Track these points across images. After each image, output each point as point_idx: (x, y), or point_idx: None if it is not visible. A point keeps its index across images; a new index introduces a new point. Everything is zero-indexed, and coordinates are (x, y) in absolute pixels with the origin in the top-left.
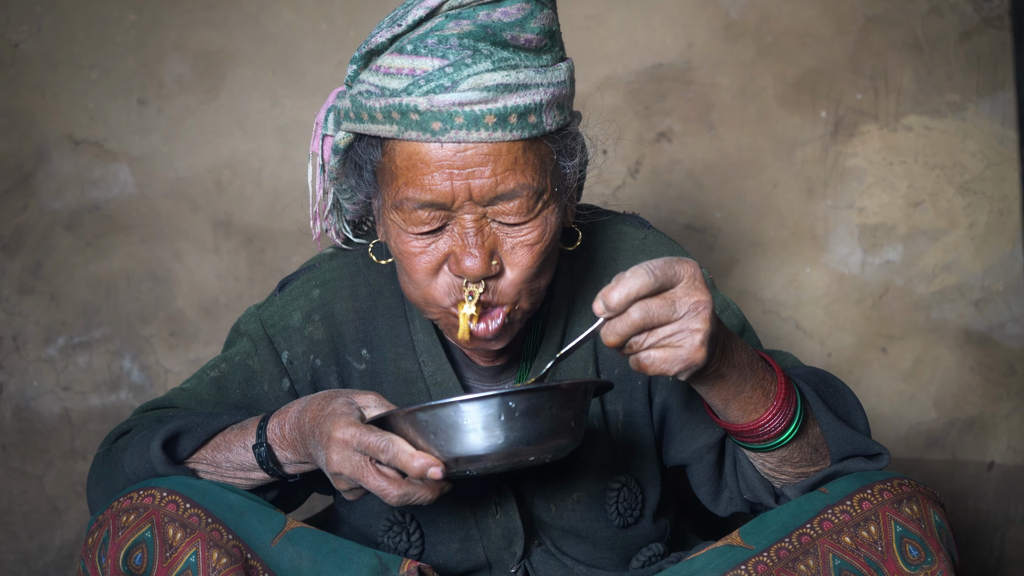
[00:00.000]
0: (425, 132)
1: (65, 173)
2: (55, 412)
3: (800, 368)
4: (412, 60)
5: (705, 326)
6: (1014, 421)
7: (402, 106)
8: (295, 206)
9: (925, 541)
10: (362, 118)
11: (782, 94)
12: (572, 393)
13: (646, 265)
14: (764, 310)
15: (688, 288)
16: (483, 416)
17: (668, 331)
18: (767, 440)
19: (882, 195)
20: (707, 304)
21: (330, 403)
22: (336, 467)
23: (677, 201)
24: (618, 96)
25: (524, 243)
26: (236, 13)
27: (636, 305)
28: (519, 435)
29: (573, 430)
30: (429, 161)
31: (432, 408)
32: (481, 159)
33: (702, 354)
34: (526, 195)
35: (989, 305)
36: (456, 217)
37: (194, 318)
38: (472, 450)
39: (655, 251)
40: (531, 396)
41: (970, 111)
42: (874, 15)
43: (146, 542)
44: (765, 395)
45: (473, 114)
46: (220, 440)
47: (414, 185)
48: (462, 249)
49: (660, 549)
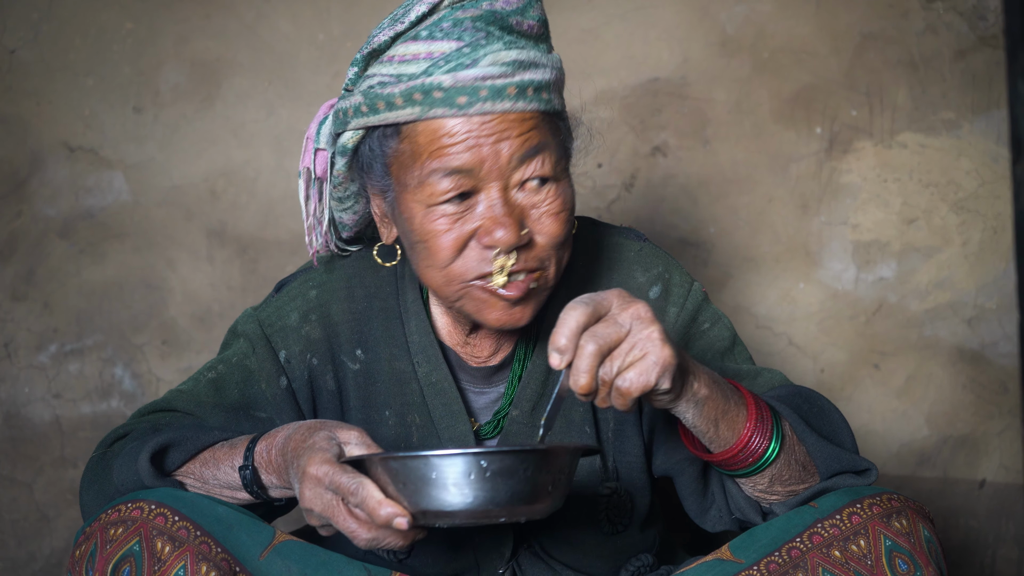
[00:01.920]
0: (451, 107)
1: (60, 180)
2: (46, 419)
3: (784, 388)
4: (428, 44)
5: (655, 324)
6: (1006, 439)
7: (425, 86)
8: (289, 216)
9: (914, 555)
10: (377, 108)
11: (777, 110)
12: (550, 457)
13: (574, 300)
14: (757, 325)
15: (622, 304)
16: (453, 473)
17: (626, 347)
18: (752, 463)
19: (876, 212)
20: (645, 307)
21: (312, 435)
22: (307, 503)
23: (671, 215)
24: (614, 110)
25: (549, 212)
26: (233, 23)
27: (584, 336)
28: (490, 495)
29: (551, 495)
30: (456, 133)
31: (403, 458)
32: (507, 126)
33: (668, 350)
34: (548, 152)
35: (982, 323)
36: (483, 190)
37: (187, 327)
38: (440, 505)
39: (650, 262)
40: (505, 457)
41: (964, 129)
42: (870, 33)
43: (134, 555)
44: (739, 414)
45: (496, 87)
46: (208, 456)
47: (441, 156)
48: (492, 221)
49: (649, 560)
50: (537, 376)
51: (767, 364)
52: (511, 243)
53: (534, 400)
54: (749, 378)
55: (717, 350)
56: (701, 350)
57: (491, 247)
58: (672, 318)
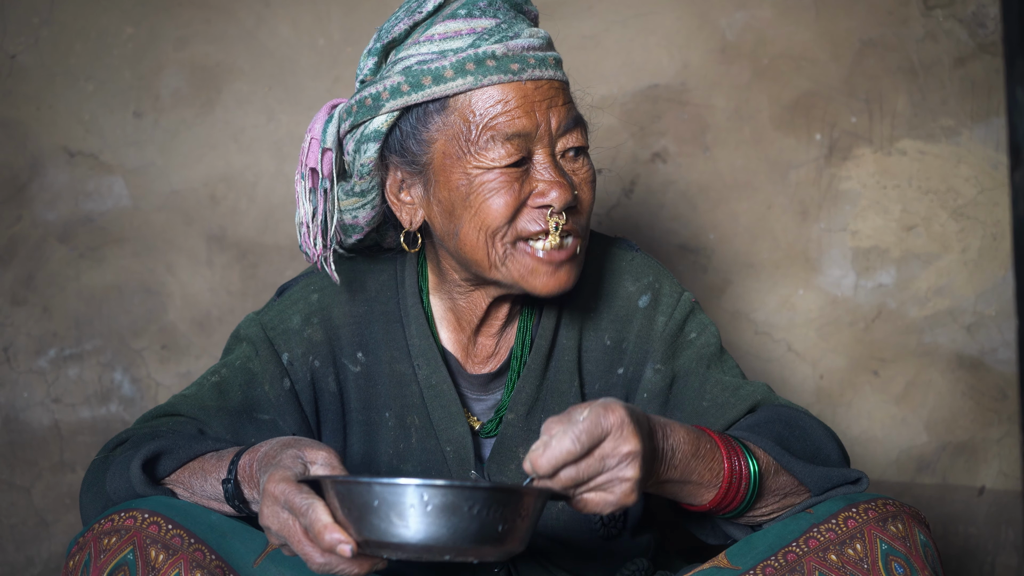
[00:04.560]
0: (506, 74)
1: (59, 185)
2: (45, 424)
3: (763, 412)
4: (468, 22)
5: (635, 474)
6: (1005, 446)
7: (477, 56)
8: (289, 221)
9: (910, 559)
10: (422, 84)
11: (777, 116)
12: (500, 496)
13: (573, 431)
14: (756, 331)
15: (616, 441)
16: (393, 503)
17: (600, 480)
18: (730, 511)
19: (875, 218)
20: (636, 454)
21: (281, 452)
22: (266, 520)
23: (671, 222)
24: (614, 116)
25: (586, 180)
26: (233, 28)
27: (565, 469)
28: (432, 531)
29: (501, 536)
30: (511, 98)
31: (348, 483)
32: (554, 92)
33: (633, 499)
34: (582, 125)
35: (981, 330)
36: (536, 153)
37: (186, 332)
38: (380, 536)
39: (641, 272)
40: (448, 492)
41: (964, 136)
42: (869, 40)
43: (128, 564)
44: (715, 478)
45: (540, 55)
46: (197, 466)
47: (498, 121)
48: (548, 182)
49: (645, 564)
50: (532, 381)
51: (766, 370)
52: (567, 201)
53: (529, 404)
54: (731, 390)
55: (702, 358)
56: (688, 359)
57: (546, 207)
58: (660, 327)
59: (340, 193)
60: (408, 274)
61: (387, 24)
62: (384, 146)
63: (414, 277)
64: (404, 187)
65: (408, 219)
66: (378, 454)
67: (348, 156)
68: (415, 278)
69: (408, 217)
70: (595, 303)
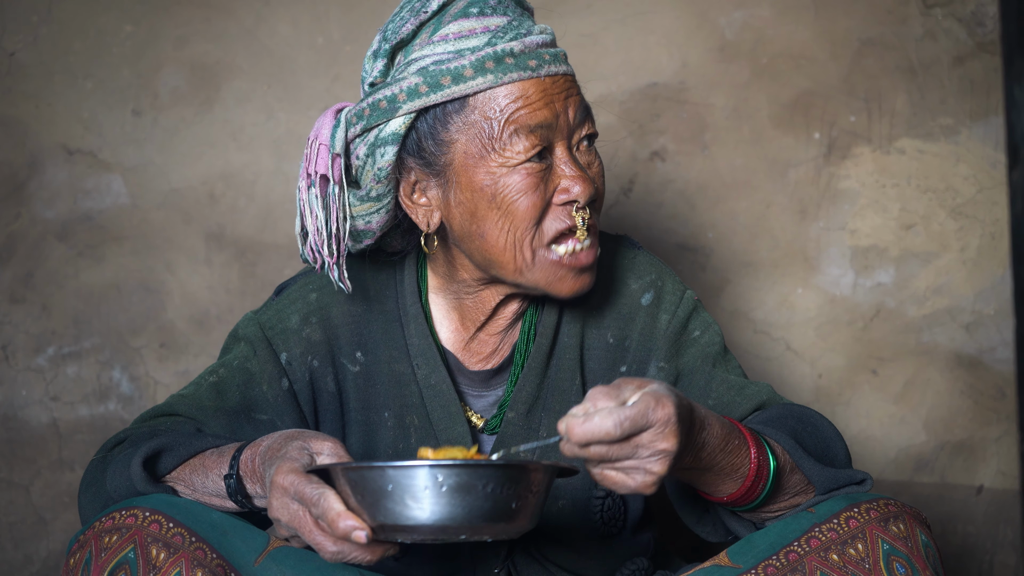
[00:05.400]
0: (525, 71)
1: (58, 183)
2: (43, 422)
3: (777, 408)
4: (481, 20)
5: (662, 470)
6: (1004, 445)
7: (496, 54)
8: (288, 219)
9: (912, 559)
10: (441, 85)
11: (776, 115)
12: (512, 473)
13: (617, 416)
14: (755, 330)
15: (656, 435)
16: (407, 485)
17: (626, 464)
18: (744, 504)
19: (874, 217)
20: (670, 454)
21: (286, 445)
22: (275, 513)
23: (670, 220)
24: (612, 115)
25: (599, 174)
26: (233, 26)
27: (597, 446)
28: (447, 511)
29: (516, 513)
30: (531, 93)
31: (360, 469)
32: (569, 85)
33: (651, 490)
34: (591, 115)
35: (980, 329)
36: (556, 147)
37: (185, 330)
38: (396, 519)
39: (644, 270)
40: (461, 471)
41: (963, 135)
42: (868, 38)
43: (129, 563)
44: (736, 472)
45: (552, 51)
46: (198, 463)
47: (520, 115)
48: (572, 177)
49: (645, 563)
50: (533, 379)
51: (765, 369)
52: (590, 194)
53: (529, 403)
54: (736, 389)
55: (707, 356)
56: (692, 358)
57: (571, 202)
58: (663, 325)
59: (352, 199)
60: (407, 274)
61: (391, 25)
62: (401, 149)
63: (413, 277)
64: (418, 189)
65: (425, 221)
66: (377, 454)
67: (357, 161)
68: (414, 278)
69: (424, 219)
70: (598, 301)
